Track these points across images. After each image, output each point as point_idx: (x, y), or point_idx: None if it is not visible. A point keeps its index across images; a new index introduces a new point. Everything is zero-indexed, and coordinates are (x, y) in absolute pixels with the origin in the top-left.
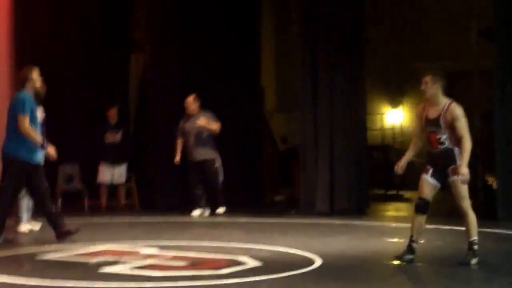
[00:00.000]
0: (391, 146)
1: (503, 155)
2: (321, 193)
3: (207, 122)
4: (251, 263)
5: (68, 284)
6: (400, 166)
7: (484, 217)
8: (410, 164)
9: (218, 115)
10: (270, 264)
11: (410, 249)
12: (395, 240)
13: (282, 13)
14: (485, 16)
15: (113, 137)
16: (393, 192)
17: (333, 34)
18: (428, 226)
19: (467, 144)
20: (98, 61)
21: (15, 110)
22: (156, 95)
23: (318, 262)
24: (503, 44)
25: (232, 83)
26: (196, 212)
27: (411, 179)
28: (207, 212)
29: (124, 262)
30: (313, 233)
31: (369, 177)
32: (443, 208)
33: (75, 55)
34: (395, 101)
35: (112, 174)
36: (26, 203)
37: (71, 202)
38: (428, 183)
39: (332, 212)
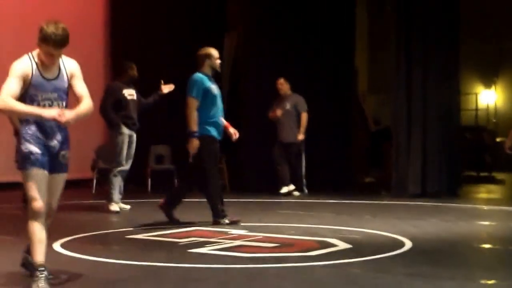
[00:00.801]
0: (485, 127)
1: None
2: (413, 174)
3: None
4: (341, 245)
5: (157, 263)
6: (509, 146)
7: None
8: (502, 146)
9: (312, 96)
10: (359, 247)
11: None
12: (487, 223)
13: None
14: None
15: None
16: (485, 173)
17: (426, 13)
18: None
19: None
20: (191, 40)
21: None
22: (249, 75)
23: (408, 244)
24: None
25: (326, 64)
26: (283, 190)
27: (503, 160)
28: (292, 188)
29: (213, 243)
30: (404, 216)
31: (461, 158)
32: None
33: (169, 35)
34: (488, 81)
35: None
36: (119, 182)
37: (162, 183)
38: None
39: (424, 194)
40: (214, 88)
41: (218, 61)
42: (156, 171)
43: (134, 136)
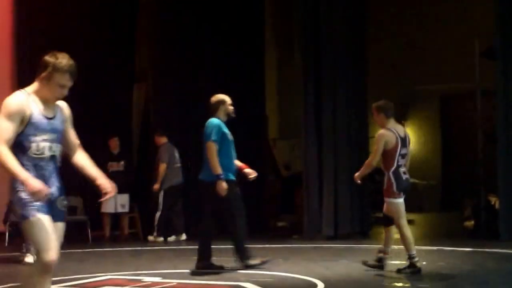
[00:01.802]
0: None
1: (506, 175)
2: (326, 217)
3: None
4: None
5: None
6: (357, 176)
7: (487, 237)
8: (412, 187)
9: None
10: None
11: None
12: (397, 262)
13: (284, 42)
14: (486, 36)
15: (116, 165)
16: None
17: (335, 58)
18: (431, 247)
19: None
20: (100, 91)
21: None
22: (159, 125)
23: (320, 286)
24: (506, 64)
25: (236, 111)
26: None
27: (413, 201)
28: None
29: None
30: (316, 258)
31: (371, 200)
32: (444, 230)
33: (77, 85)
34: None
35: (115, 203)
36: None
37: (75, 233)
38: None
39: (336, 236)
40: (229, 134)
41: (232, 107)
42: (68, 221)
43: None
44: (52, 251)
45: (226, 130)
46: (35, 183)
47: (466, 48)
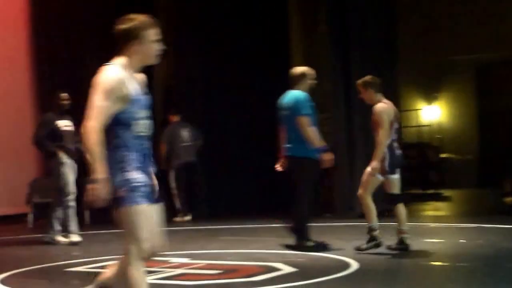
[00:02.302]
0: (428, 143)
1: None
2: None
3: None
4: (286, 269)
5: None
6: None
7: None
8: (448, 162)
9: (250, 122)
10: (305, 270)
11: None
12: (434, 240)
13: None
14: None
15: None
16: (431, 191)
17: (364, 31)
18: (469, 225)
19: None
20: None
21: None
22: (181, 103)
23: (354, 265)
24: None
25: (262, 90)
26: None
27: (449, 177)
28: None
29: (154, 272)
30: (349, 236)
31: (406, 176)
32: (482, 206)
33: (97, 65)
34: (430, 97)
35: None
36: (60, 214)
37: (101, 214)
38: None
39: None
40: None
41: (314, 81)
42: None
43: (75, 167)
44: (152, 241)
45: (312, 104)
46: (101, 184)
47: (504, 13)
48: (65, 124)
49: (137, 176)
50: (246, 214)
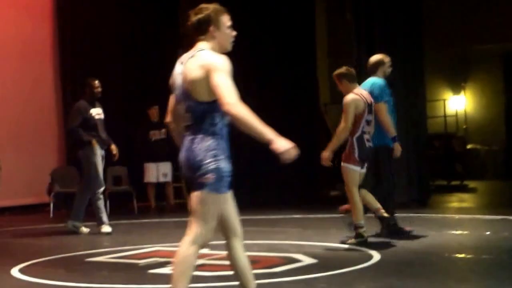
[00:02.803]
0: (454, 134)
1: None
2: None
3: None
4: (306, 260)
5: (118, 285)
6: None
7: None
8: (474, 153)
9: (273, 109)
10: (326, 261)
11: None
12: (458, 232)
13: (334, 1)
14: None
15: (158, 133)
16: (456, 182)
17: (389, 20)
18: (495, 217)
19: None
20: (142, 56)
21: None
22: None
23: (376, 257)
24: None
25: (286, 76)
26: None
27: (475, 168)
28: None
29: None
30: (370, 228)
31: (431, 167)
32: (508, 198)
33: (119, 56)
34: (457, 87)
35: (157, 172)
36: (102, 203)
37: (120, 204)
38: None
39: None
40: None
41: (390, 69)
42: (114, 192)
43: (103, 156)
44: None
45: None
46: (284, 143)
47: None
48: (97, 112)
49: (226, 165)
50: (268, 205)
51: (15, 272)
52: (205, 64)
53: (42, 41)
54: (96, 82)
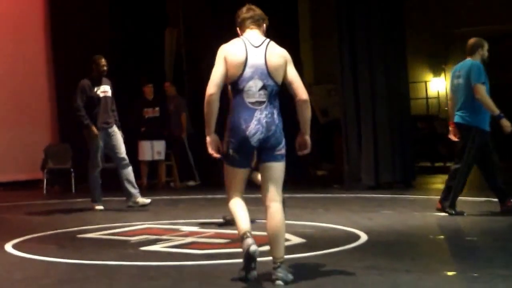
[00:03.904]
0: (436, 115)
1: None
2: (365, 166)
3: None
4: (294, 239)
5: (109, 262)
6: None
7: None
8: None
9: None
10: (313, 241)
11: None
12: (442, 214)
13: None
14: None
15: (152, 111)
16: (440, 164)
17: (370, 1)
18: (478, 199)
19: None
20: (132, 36)
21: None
22: (191, 71)
23: (363, 237)
24: None
25: None
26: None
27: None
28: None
29: (164, 240)
30: (357, 208)
31: (414, 149)
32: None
33: (110, 32)
34: (438, 69)
35: (152, 150)
36: (99, 182)
37: (112, 181)
38: None
39: (378, 185)
40: None
41: (488, 53)
42: (106, 169)
43: (113, 131)
44: None
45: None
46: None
47: None
48: (103, 90)
49: None
50: (255, 184)
51: (8, 247)
52: (284, 55)
53: (35, 19)
54: (102, 60)
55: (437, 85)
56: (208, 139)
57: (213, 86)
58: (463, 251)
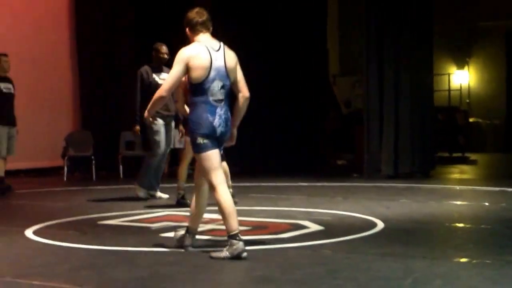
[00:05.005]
0: (458, 107)
1: None
2: (385, 156)
3: None
4: (313, 227)
5: (130, 248)
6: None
7: None
8: (476, 126)
9: (283, 79)
10: (331, 228)
11: None
12: (459, 203)
13: None
14: None
15: None
16: (458, 154)
17: None
18: (494, 188)
19: None
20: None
21: None
22: None
23: (380, 225)
24: None
25: (297, 47)
26: None
27: (476, 140)
28: None
29: (184, 227)
30: (375, 197)
31: (434, 139)
32: (508, 171)
33: (135, 22)
34: (461, 62)
35: (173, 138)
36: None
37: (133, 169)
38: None
39: (397, 175)
40: None
41: None
42: (127, 157)
43: (171, 123)
44: None
45: None
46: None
47: None
48: (163, 78)
49: None
50: (276, 173)
51: (29, 233)
52: (235, 56)
53: (59, 6)
54: (163, 47)
55: (460, 78)
56: (147, 113)
57: (167, 90)
58: (477, 238)
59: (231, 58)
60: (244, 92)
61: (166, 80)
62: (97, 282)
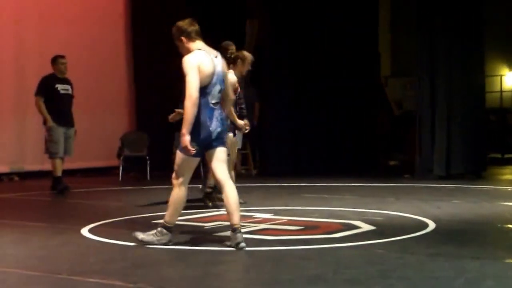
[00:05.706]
0: (509, 109)
1: None
2: (437, 157)
3: None
4: (365, 227)
5: (184, 247)
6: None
7: None
8: None
9: (335, 81)
10: (383, 228)
11: None
12: (510, 203)
13: None
14: None
15: None
16: (510, 155)
17: None
18: None
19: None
20: (213, 28)
21: None
22: (269, 62)
23: (431, 226)
24: None
25: (348, 48)
26: None
27: None
28: None
29: None
30: (427, 197)
31: (486, 140)
32: None
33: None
34: None
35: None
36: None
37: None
38: None
39: (448, 176)
40: None
41: None
42: None
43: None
44: None
45: None
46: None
47: None
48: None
49: None
50: (328, 173)
51: (84, 232)
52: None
53: (116, 10)
54: (231, 46)
55: None
56: (188, 137)
57: (196, 90)
58: None
59: (224, 64)
60: (231, 94)
61: (189, 88)
62: (151, 280)
